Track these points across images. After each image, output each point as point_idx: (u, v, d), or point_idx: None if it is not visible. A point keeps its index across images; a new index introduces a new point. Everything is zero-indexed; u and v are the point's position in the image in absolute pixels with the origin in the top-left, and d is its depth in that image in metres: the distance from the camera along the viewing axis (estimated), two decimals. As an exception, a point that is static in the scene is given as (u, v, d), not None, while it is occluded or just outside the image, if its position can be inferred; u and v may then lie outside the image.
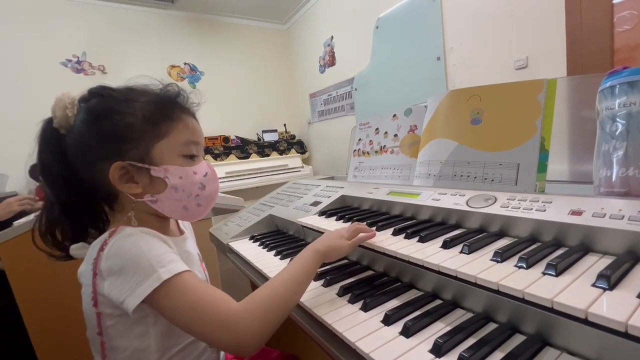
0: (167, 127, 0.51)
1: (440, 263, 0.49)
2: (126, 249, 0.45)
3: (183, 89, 0.56)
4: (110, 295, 0.44)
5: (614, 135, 0.52)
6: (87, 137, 0.49)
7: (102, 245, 0.47)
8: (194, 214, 0.56)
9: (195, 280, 0.46)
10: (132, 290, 0.43)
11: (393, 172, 0.99)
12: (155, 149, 0.50)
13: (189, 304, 0.43)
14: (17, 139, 2.56)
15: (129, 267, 0.44)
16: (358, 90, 2.78)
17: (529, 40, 1.61)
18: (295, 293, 0.50)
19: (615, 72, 0.53)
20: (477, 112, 0.77)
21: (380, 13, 2.42)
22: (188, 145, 0.53)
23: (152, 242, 0.47)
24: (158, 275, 0.43)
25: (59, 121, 0.49)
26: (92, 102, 0.50)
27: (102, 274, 0.45)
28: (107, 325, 0.47)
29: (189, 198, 0.53)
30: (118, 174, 0.48)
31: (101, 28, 2.87)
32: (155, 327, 0.49)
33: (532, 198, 0.57)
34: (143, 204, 0.51)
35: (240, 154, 3.10)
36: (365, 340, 0.44)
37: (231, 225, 1.16)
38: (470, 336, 0.42)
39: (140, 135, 0.49)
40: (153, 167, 0.50)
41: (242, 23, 3.53)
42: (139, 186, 0.50)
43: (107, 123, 0.49)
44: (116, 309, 0.46)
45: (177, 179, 0.51)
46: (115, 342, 0.48)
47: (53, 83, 2.70)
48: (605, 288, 0.36)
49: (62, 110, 0.49)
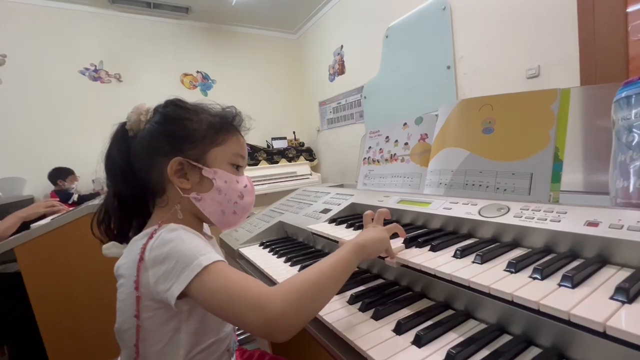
0: (224, 137, 0.59)
1: (452, 272, 0.49)
2: (170, 240, 0.48)
3: (240, 112, 0.64)
4: (156, 285, 0.47)
5: (630, 145, 0.51)
6: (157, 135, 0.56)
7: (149, 238, 0.50)
8: (228, 220, 0.61)
9: (229, 268, 0.48)
10: (177, 276, 0.45)
11: (403, 180, 0.99)
12: (211, 153, 0.57)
13: (222, 287, 0.45)
14: (36, 145, 2.66)
15: (173, 256, 0.47)
16: (367, 98, 2.79)
17: (541, 49, 1.60)
18: (331, 283, 0.49)
19: (631, 82, 0.52)
20: (489, 122, 0.76)
21: (389, 23, 2.44)
22: (236, 157, 0.61)
23: (192, 235, 0.51)
24: (199, 262, 0.46)
25: (131, 124, 0.57)
26: (168, 109, 0.58)
27: (146, 264, 0.48)
28: (143, 318, 0.49)
29: (228, 203, 0.59)
30: (175, 167, 0.55)
31: (118, 38, 2.97)
32: (187, 322, 0.51)
33: (547, 208, 0.56)
34: (187, 202, 0.57)
35: (249, 160, 3.13)
36: (377, 349, 0.43)
37: (241, 231, 1.17)
38: (484, 347, 0.42)
39: (201, 139, 0.57)
40: (205, 167, 0.56)
41: (253, 33, 3.61)
42: (189, 182, 0.56)
43: (177, 125, 0.57)
44: (155, 302, 0.49)
45: (222, 182, 0.58)
46: (149, 334, 0.50)
47: (71, 90, 2.80)
48: (624, 301, 0.36)
49: (136, 116, 0.57)
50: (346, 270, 0.51)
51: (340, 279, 0.50)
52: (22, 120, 2.63)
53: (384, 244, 0.59)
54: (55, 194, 2.55)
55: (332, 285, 0.49)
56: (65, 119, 2.77)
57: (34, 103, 2.67)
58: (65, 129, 2.77)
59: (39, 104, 2.68)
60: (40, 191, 2.66)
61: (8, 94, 2.57)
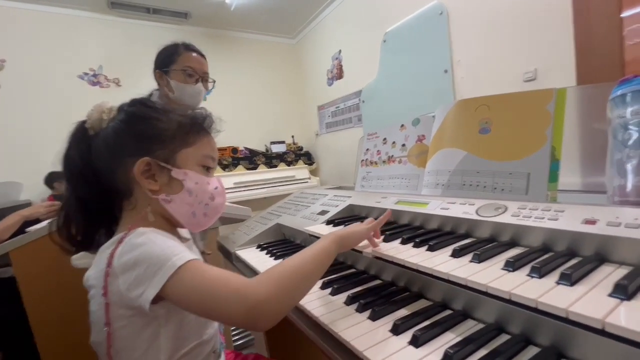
0: (194, 138, 0.58)
1: (449, 272, 0.48)
2: (139, 245, 0.47)
3: (211, 113, 0.63)
4: (128, 291, 0.45)
5: (626, 143, 0.51)
6: (122, 134, 0.54)
7: (117, 245, 0.48)
8: (199, 222, 0.59)
9: (205, 265, 0.47)
10: (150, 280, 0.44)
11: (401, 181, 0.99)
12: (181, 154, 0.56)
13: (200, 284, 0.44)
14: (33, 149, 2.65)
15: (144, 260, 0.45)
16: (365, 102, 2.80)
17: (538, 52, 1.61)
18: (313, 270, 0.51)
19: (626, 80, 0.52)
20: (485, 122, 0.77)
21: (387, 27, 2.46)
22: (207, 158, 0.59)
23: (163, 238, 0.50)
24: (172, 262, 0.45)
25: (92, 123, 0.55)
26: (134, 107, 0.57)
27: (115, 271, 0.46)
28: (118, 327, 0.48)
29: (199, 205, 0.57)
30: (142, 168, 0.53)
31: (117, 43, 2.98)
32: (166, 327, 0.50)
33: (544, 207, 0.56)
34: (156, 204, 0.55)
35: (248, 164, 3.13)
36: (374, 349, 0.43)
37: (238, 234, 1.17)
38: (482, 347, 0.41)
39: (170, 140, 0.55)
40: (175, 168, 0.55)
41: (252, 38, 3.63)
42: (157, 184, 0.54)
43: (144, 124, 0.55)
44: (128, 310, 0.47)
45: (193, 183, 0.56)
46: (126, 343, 0.48)
47: (70, 95, 2.80)
48: (623, 298, 0.35)
49: (98, 114, 0.55)
50: (326, 259, 0.53)
51: (321, 267, 0.52)
52: (21, 124, 2.63)
53: (362, 237, 0.63)
54: (53, 198, 2.54)
55: (314, 272, 0.51)
56: (64, 124, 2.73)
57: (32, 107, 2.66)
58: (63, 133, 2.75)
59: (38, 109, 2.68)
60: (37, 195, 2.64)
61: (7, 98, 2.57)
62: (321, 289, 0.65)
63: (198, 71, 1.12)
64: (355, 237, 0.62)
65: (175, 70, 1.10)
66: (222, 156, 3.03)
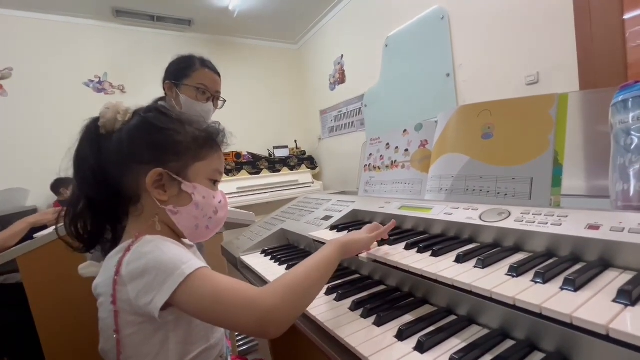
0: (207, 152, 0.58)
1: (454, 277, 0.49)
2: (147, 252, 0.47)
3: (224, 128, 0.64)
4: (137, 299, 0.45)
5: (629, 148, 0.52)
6: (138, 141, 0.54)
7: (124, 253, 0.49)
8: (200, 234, 0.60)
9: (214, 273, 0.48)
10: (159, 288, 0.44)
11: (404, 186, 0.99)
12: (193, 167, 0.56)
13: (210, 292, 0.44)
14: (39, 155, 2.69)
15: (153, 268, 0.46)
16: (368, 106, 2.81)
17: (540, 56, 1.62)
18: (318, 278, 0.51)
19: (627, 86, 0.53)
20: (488, 127, 0.77)
21: (389, 32, 2.48)
22: (216, 173, 0.60)
23: (171, 245, 0.50)
24: (181, 271, 0.45)
25: (105, 122, 0.54)
26: (151, 114, 0.56)
27: (123, 279, 0.47)
28: (128, 334, 0.48)
29: (203, 218, 0.58)
30: (155, 178, 0.53)
31: (122, 50, 3.02)
32: (175, 332, 0.50)
33: (548, 212, 0.56)
34: (163, 213, 0.55)
35: (251, 169, 3.15)
36: (379, 355, 0.43)
37: (243, 239, 1.17)
38: (487, 353, 0.41)
39: (184, 153, 0.55)
40: (186, 182, 0.55)
41: (255, 44, 3.66)
42: (166, 195, 0.54)
43: (161, 134, 0.55)
44: (138, 317, 0.47)
45: (201, 197, 0.57)
46: (135, 350, 0.49)
47: (75, 102, 2.83)
48: (627, 304, 0.35)
49: (112, 114, 0.54)
50: (330, 266, 0.54)
51: (326, 275, 0.53)
52: (27, 131, 2.66)
53: (365, 245, 0.64)
54: (59, 204, 2.57)
55: (319, 280, 0.52)
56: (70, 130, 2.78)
57: (38, 115, 2.70)
58: (69, 140, 2.79)
59: (44, 116, 2.72)
60: (43, 202, 2.67)
61: (14, 106, 2.61)
62: (326, 294, 0.65)
63: (211, 90, 1.09)
64: (358, 245, 0.62)
65: (187, 85, 1.06)
66: (225, 161, 3.04)
